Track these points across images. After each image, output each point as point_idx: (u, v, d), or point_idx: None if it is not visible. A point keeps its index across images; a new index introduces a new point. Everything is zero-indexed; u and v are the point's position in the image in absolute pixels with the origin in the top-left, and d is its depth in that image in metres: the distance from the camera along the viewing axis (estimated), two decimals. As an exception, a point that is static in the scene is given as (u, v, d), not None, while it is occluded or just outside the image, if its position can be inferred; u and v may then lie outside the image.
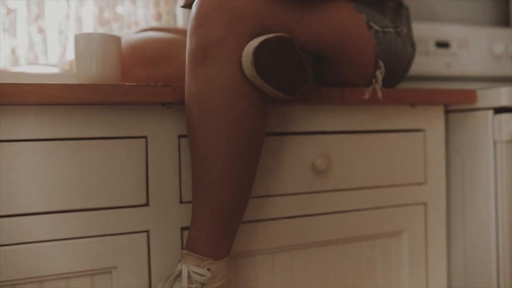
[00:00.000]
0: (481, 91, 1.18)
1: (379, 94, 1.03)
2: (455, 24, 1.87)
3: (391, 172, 1.13)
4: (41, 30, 1.43)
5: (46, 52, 1.44)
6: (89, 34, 0.95)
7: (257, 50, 0.79)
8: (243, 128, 0.82)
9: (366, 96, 1.03)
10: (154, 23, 1.55)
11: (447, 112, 1.24)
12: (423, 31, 1.76)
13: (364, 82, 1.04)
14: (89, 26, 1.49)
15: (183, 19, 1.61)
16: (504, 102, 1.14)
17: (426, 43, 1.76)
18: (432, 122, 1.18)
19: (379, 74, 1.02)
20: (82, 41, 0.95)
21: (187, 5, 0.97)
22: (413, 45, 1.14)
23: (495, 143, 1.15)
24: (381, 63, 1.01)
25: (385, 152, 1.12)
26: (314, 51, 0.95)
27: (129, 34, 1.18)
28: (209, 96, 0.81)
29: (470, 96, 1.16)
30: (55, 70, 1.46)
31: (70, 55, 1.49)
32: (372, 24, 1.01)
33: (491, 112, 1.16)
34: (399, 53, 1.07)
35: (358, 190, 1.09)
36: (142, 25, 1.55)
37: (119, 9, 1.53)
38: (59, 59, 1.47)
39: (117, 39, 0.98)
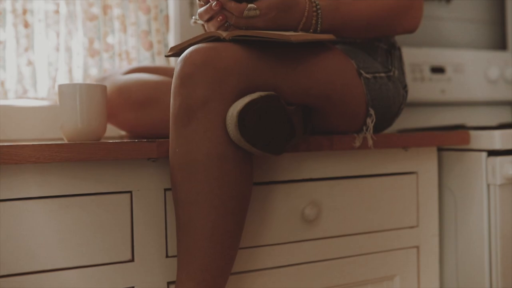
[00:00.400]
0: (475, 132, 1.16)
1: (370, 142, 1.01)
2: (451, 49, 1.85)
3: (382, 217, 1.11)
4: (30, 63, 1.41)
5: (35, 85, 1.42)
6: (73, 85, 0.93)
7: (242, 113, 0.77)
8: (228, 191, 0.80)
9: (357, 144, 1.01)
10: (145, 53, 1.54)
11: (440, 149, 1.22)
12: (418, 57, 1.74)
13: (355, 129, 1.02)
14: (79, 57, 1.47)
15: (174, 47, 1.59)
16: (497, 145, 1.12)
17: (421, 69, 1.74)
18: (425, 164, 1.16)
19: (370, 122, 1.00)
20: (66, 92, 0.94)
21: (172, 55, 0.95)
22: (405, 87, 1.12)
23: (488, 186, 1.14)
24: (371, 111, 1.00)
25: (376, 197, 1.10)
26: (302, 104, 0.93)
27: (116, 74, 1.16)
28: (193, 159, 0.79)
29: (463, 138, 1.15)
30: (43, 103, 1.45)
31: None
32: (362, 71, 0.99)
33: (484, 155, 1.14)
34: (391, 98, 1.05)
35: (348, 236, 1.08)
36: (133, 55, 1.53)
37: (110, 39, 1.52)
38: (48, 91, 1.45)
39: (102, 89, 0.96)
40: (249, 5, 0.87)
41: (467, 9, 1.99)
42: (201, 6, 0.93)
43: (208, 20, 0.92)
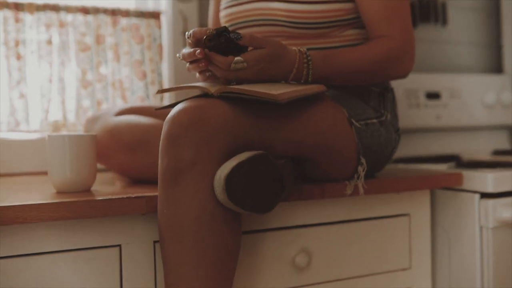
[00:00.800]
0: (468, 173, 1.16)
1: (361, 190, 1.00)
2: (447, 74, 1.84)
3: (374, 260, 1.11)
4: (22, 96, 1.41)
5: (27, 118, 1.42)
6: (62, 137, 0.93)
7: (229, 177, 0.76)
8: (217, 250, 0.80)
9: (348, 192, 1.01)
10: (138, 83, 1.53)
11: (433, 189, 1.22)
12: (414, 83, 1.73)
13: (347, 176, 1.02)
14: (72, 88, 1.46)
15: (167, 76, 1.58)
16: (490, 188, 1.11)
17: (417, 95, 1.73)
18: (418, 206, 1.15)
19: (361, 170, 1.00)
20: (55, 143, 0.93)
21: (162, 108, 0.95)
22: (397, 130, 1.12)
23: (481, 228, 1.13)
24: (363, 160, 0.99)
25: (369, 240, 1.10)
26: (293, 156, 0.92)
27: (108, 114, 1.15)
28: (181, 221, 0.78)
29: (456, 180, 1.14)
30: (36, 136, 1.44)
31: (53, 116, 1.46)
32: (353, 120, 0.99)
33: (477, 196, 1.14)
34: (382, 144, 1.04)
35: (340, 281, 1.07)
36: (126, 85, 1.52)
37: (103, 69, 1.51)
38: (41, 123, 1.44)
39: (90, 139, 0.96)
40: (236, 58, 0.86)
41: (463, 31, 1.98)
42: (190, 45, 0.91)
43: (191, 63, 0.91)
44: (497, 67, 2.03)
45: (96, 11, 1.49)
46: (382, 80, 1.07)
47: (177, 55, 0.93)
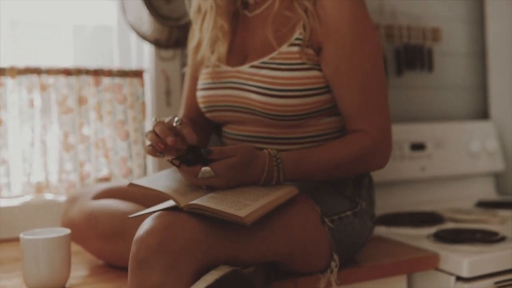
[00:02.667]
0: (445, 253, 1.16)
1: (334, 287, 1.01)
2: (432, 123, 1.85)
3: None
4: (3, 162, 1.41)
5: (9, 185, 1.42)
6: (35, 240, 0.93)
7: (196, 304, 0.77)
8: None
9: (321, 286, 1.01)
10: (121, 143, 1.53)
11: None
12: (398, 135, 1.73)
13: (320, 269, 1.02)
14: (54, 151, 1.47)
15: (151, 135, 1.58)
16: (465, 273, 1.12)
17: (401, 147, 1.73)
18: (394, 289, 1.16)
19: (334, 266, 1.00)
20: (28, 246, 0.94)
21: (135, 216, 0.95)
22: (373, 217, 1.12)
23: (457, 311, 1.14)
24: (335, 256, 0.99)
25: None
26: (265, 261, 0.93)
27: (86, 197, 1.15)
28: None
29: (432, 263, 1.15)
30: (17, 202, 1.44)
31: (35, 178, 1.47)
32: (326, 219, 0.99)
33: (453, 279, 1.14)
34: (356, 235, 1.05)
35: None
36: (109, 145, 1.52)
37: (86, 130, 1.51)
38: (23, 187, 1.44)
39: (64, 240, 0.96)
40: (203, 169, 0.87)
41: (449, 76, 1.99)
42: (157, 128, 0.93)
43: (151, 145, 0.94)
44: (483, 112, 2.03)
45: (78, 72, 1.49)
46: (357, 173, 1.07)
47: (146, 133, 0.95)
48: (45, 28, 1.63)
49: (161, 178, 0.94)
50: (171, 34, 1.50)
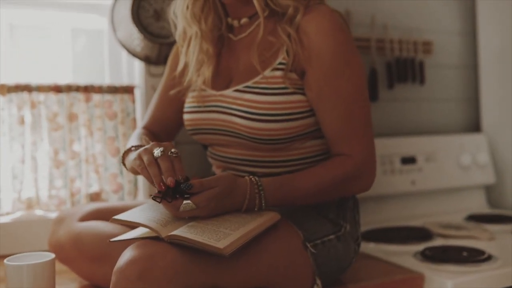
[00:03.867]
0: (430, 274, 1.17)
1: (317, 311, 1.02)
2: (423, 136, 1.85)
3: None
4: (-7, 180, 1.42)
5: (-1, 202, 1.43)
6: (19, 267, 0.94)
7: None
8: None
9: (304, 309, 1.02)
10: (111, 159, 1.54)
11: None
12: (389, 148, 1.74)
13: None
14: (45, 167, 1.47)
15: (142, 150, 1.58)
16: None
17: (392, 161, 1.74)
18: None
19: (316, 291, 1.01)
20: (13, 272, 0.94)
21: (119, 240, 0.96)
22: (357, 239, 1.12)
23: (441, 331, 1.15)
24: (318, 281, 1.00)
25: None
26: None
27: (73, 219, 1.16)
28: None
29: (417, 284, 1.16)
30: (7, 220, 1.45)
31: (26, 193, 1.48)
32: (308, 244, 0.99)
33: (438, 300, 1.15)
34: (340, 259, 1.05)
35: None
36: (100, 161, 1.53)
37: (76, 147, 1.52)
38: (13, 204, 1.45)
39: (48, 265, 0.97)
40: (184, 202, 0.88)
41: (442, 89, 1.99)
42: (163, 164, 0.90)
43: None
44: (476, 124, 2.03)
45: (69, 89, 1.49)
46: (341, 196, 1.08)
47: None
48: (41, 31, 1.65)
49: (143, 210, 0.95)
50: (160, 51, 1.51)
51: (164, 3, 1.50)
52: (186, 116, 1.15)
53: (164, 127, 1.24)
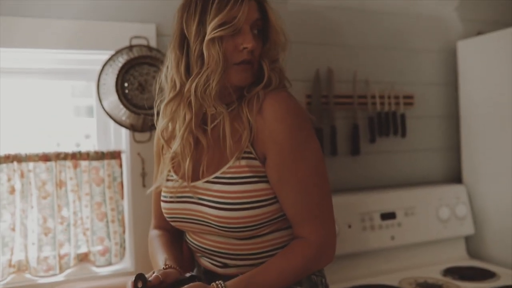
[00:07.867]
0: None
1: None
2: (403, 190, 1.90)
3: None
4: (-15, 248, 1.48)
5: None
6: None
7: None
8: None
9: None
10: (98, 223, 1.60)
11: None
12: (369, 205, 1.79)
13: None
14: (34, 235, 1.54)
15: (127, 214, 1.64)
16: None
17: (371, 217, 1.79)
18: None
19: None
20: None
21: None
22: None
23: None
24: None
25: None
26: None
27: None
28: None
29: None
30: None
31: (16, 256, 1.54)
32: None
33: None
34: None
35: None
36: (87, 225, 1.59)
37: (65, 212, 1.58)
38: (3, 271, 1.51)
39: None
40: None
41: (423, 140, 2.04)
42: None
43: None
44: (457, 174, 2.08)
45: (57, 157, 1.55)
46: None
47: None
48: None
49: None
50: (145, 121, 1.57)
51: (148, 75, 1.55)
52: (162, 205, 1.21)
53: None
